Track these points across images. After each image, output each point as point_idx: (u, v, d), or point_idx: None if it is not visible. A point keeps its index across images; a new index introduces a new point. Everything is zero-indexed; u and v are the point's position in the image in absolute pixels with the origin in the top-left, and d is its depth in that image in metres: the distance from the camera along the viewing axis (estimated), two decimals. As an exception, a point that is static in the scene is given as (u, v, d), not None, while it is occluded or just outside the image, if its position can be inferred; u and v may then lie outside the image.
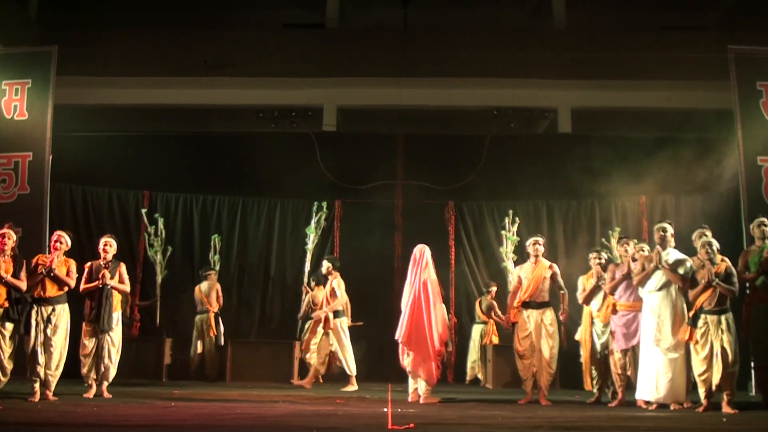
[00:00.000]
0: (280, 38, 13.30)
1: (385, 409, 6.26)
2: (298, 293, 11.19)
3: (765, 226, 7.21)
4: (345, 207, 11.60)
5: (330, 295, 9.09)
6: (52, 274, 6.97)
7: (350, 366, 9.06)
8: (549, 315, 7.41)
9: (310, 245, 10.86)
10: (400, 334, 7.24)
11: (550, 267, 7.52)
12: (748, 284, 7.11)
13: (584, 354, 7.79)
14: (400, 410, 6.29)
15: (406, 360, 7.25)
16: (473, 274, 11.42)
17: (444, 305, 7.53)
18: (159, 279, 10.61)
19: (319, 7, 13.76)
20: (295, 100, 12.88)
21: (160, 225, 10.66)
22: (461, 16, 14.00)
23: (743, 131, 8.80)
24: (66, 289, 7.12)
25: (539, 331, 7.35)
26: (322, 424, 5.19)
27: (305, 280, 10.61)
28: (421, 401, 7.13)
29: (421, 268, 7.29)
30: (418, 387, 7.24)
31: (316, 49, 13.07)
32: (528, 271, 7.54)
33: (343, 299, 9.15)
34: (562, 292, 7.53)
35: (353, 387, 8.96)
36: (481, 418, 5.88)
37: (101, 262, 7.40)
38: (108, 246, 7.47)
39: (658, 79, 12.49)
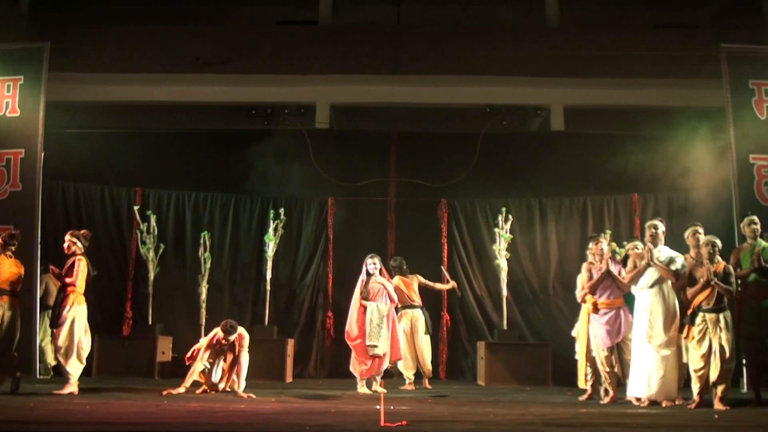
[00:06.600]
0: (273, 35, 13.25)
1: (378, 407, 6.26)
2: (291, 292, 11.19)
3: (755, 224, 7.26)
4: (338, 204, 11.59)
5: None
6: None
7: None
8: None
9: (270, 253, 10.58)
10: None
11: None
12: (739, 281, 7.15)
13: (580, 351, 7.81)
14: (392, 407, 6.30)
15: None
16: (466, 272, 11.40)
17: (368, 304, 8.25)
18: (151, 276, 10.56)
19: (312, 4, 13.71)
20: (288, 97, 12.84)
21: (153, 222, 10.60)
22: (454, 13, 14.00)
23: (735, 129, 8.81)
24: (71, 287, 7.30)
25: None
26: (315, 422, 5.19)
27: (269, 276, 10.54)
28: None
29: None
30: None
31: (308, 46, 13.01)
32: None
33: None
34: None
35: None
36: (473, 415, 5.90)
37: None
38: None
39: (651, 77, 12.49)
